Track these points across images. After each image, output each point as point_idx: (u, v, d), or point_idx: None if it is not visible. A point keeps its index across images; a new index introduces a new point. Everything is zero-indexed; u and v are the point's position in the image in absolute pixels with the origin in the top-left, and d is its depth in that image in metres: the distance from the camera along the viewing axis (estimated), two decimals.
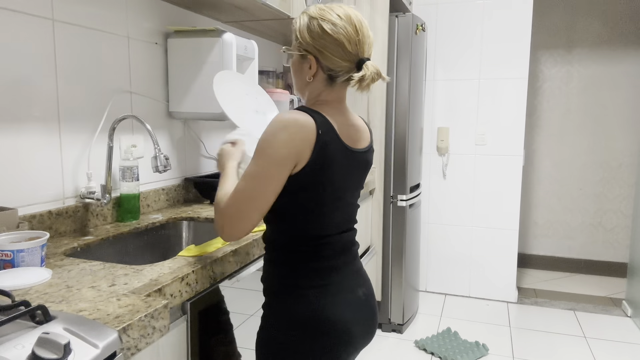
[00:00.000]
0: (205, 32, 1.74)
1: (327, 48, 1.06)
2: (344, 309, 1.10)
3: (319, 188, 1.05)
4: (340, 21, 1.05)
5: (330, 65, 1.07)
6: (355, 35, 1.05)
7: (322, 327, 1.07)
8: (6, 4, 1.20)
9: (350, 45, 1.05)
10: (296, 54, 1.12)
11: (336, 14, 1.06)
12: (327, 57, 1.06)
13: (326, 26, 1.05)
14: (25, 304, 0.74)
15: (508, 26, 3.19)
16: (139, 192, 1.59)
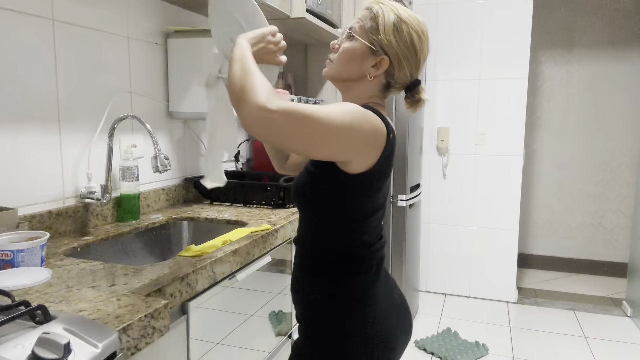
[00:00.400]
0: (205, 32, 1.74)
1: (408, 60, 1.00)
2: (389, 317, 1.06)
3: (381, 192, 1.01)
4: (424, 37, 1.01)
5: (397, 76, 1.01)
6: (427, 55, 1.03)
7: (375, 338, 1.02)
8: (6, 4, 1.20)
9: (422, 63, 1.03)
10: (364, 44, 1.00)
11: (420, 29, 1.01)
12: (402, 68, 1.00)
13: (415, 38, 0.99)
14: (25, 304, 0.74)
15: (508, 26, 3.19)
16: (139, 192, 1.59)
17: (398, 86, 1.03)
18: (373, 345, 1.02)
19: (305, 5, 2.03)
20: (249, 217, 1.63)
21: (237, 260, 1.26)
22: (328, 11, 2.32)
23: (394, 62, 0.99)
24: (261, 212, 1.73)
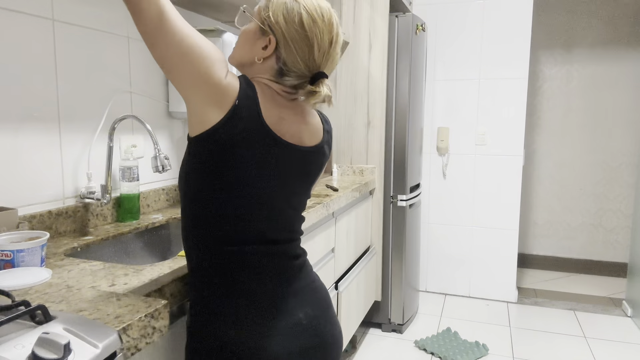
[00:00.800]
0: (205, 32, 1.74)
1: (296, 42, 0.91)
2: (277, 340, 0.90)
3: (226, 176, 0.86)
4: (321, 22, 0.92)
5: (287, 60, 0.92)
6: (329, 47, 0.94)
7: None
8: (6, 4, 1.20)
9: (318, 53, 0.93)
10: (257, 25, 0.93)
11: (320, 13, 0.92)
12: (290, 51, 0.91)
13: (305, 19, 0.90)
14: (25, 304, 0.74)
15: (508, 26, 3.19)
16: (139, 192, 1.59)
17: (293, 75, 0.93)
18: None
19: None
20: None
21: None
22: None
23: (281, 43, 0.91)
24: None
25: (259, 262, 0.93)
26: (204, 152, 0.86)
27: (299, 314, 0.95)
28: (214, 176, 0.87)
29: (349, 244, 2.32)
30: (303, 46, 0.91)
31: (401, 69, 2.73)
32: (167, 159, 1.42)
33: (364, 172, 2.77)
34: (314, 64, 0.93)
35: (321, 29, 0.92)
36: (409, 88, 2.73)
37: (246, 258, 0.92)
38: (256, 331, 0.90)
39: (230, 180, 0.87)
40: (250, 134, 0.86)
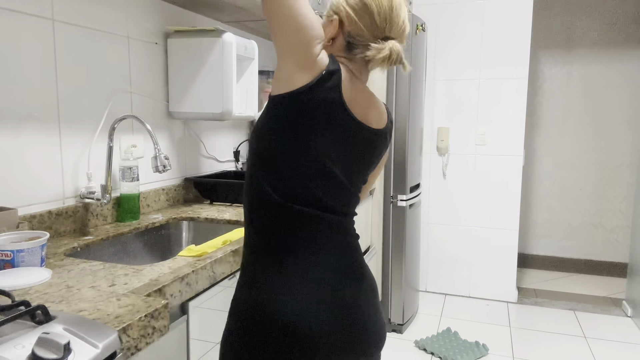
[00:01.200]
0: (205, 32, 1.74)
1: (355, 11, 0.96)
2: (311, 311, 0.89)
3: (298, 137, 0.90)
4: None
5: (352, 32, 0.96)
6: (389, 11, 0.96)
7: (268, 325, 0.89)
8: (6, 4, 1.20)
9: (379, 17, 0.95)
10: (326, 19, 1.01)
11: None
12: (352, 21, 0.96)
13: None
14: (25, 304, 0.74)
15: (508, 26, 3.19)
16: (139, 192, 1.59)
17: (360, 45, 0.97)
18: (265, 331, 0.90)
19: None
20: None
21: (237, 260, 1.26)
22: None
23: (344, 17, 0.97)
24: None
25: (315, 227, 0.94)
26: (283, 110, 0.90)
27: (347, 291, 0.95)
28: (288, 134, 0.91)
29: None
30: (363, 14, 0.95)
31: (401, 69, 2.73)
32: (167, 159, 1.42)
33: None
34: (377, 29, 0.96)
35: (379, 2, 0.95)
36: (409, 88, 2.73)
37: (304, 219, 0.93)
38: (303, 304, 0.90)
39: (301, 142, 0.91)
40: (329, 104, 0.91)
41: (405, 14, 0.99)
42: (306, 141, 0.91)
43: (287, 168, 0.91)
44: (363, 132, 0.98)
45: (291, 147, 0.91)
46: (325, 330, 0.90)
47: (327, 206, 0.95)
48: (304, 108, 0.89)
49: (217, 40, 1.71)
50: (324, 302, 0.91)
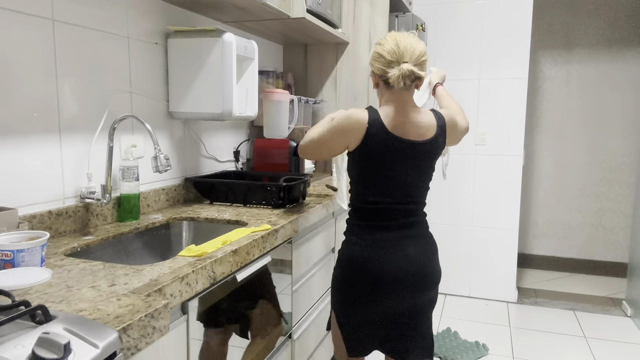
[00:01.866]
0: (205, 32, 1.74)
1: (376, 60, 1.46)
2: (385, 259, 1.45)
3: (368, 161, 1.44)
4: (385, 41, 1.44)
5: (377, 72, 1.46)
6: (395, 47, 1.41)
7: (362, 266, 1.46)
8: (6, 4, 1.20)
9: (389, 54, 1.41)
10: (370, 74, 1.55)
11: (386, 38, 1.45)
12: (375, 66, 1.46)
13: (375, 47, 1.46)
14: (25, 304, 0.74)
15: (508, 26, 3.19)
16: (139, 192, 1.59)
17: (388, 76, 1.43)
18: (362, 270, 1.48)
19: (305, 5, 2.03)
20: (249, 217, 1.63)
21: (237, 260, 1.26)
22: (328, 11, 2.32)
23: (374, 69, 1.48)
24: (261, 212, 1.72)
25: (389, 213, 1.48)
26: (357, 157, 1.46)
27: (410, 250, 1.48)
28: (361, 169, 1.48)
29: None
30: (378, 59, 1.45)
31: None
32: (167, 159, 1.42)
33: None
34: (391, 63, 1.42)
35: (385, 44, 1.44)
36: None
37: (382, 210, 1.48)
38: (380, 253, 1.46)
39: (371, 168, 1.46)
40: (381, 139, 1.42)
41: (413, 44, 1.42)
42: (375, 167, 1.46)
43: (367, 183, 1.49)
44: (410, 145, 1.44)
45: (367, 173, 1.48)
46: (394, 272, 1.45)
47: (396, 201, 1.49)
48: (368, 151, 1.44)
49: (217, 40, 1.71)
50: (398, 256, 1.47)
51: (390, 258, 1.45)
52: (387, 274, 1.45)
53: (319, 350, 1.98)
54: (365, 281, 1.46)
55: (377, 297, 1.46)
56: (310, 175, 2.06)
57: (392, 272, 1.45)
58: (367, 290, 1.46)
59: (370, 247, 1.47)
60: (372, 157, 1.43)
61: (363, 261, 1.46)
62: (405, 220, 1.49)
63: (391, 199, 1.47)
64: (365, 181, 1.47)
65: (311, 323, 1.88)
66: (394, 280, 1.45)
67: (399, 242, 1.47)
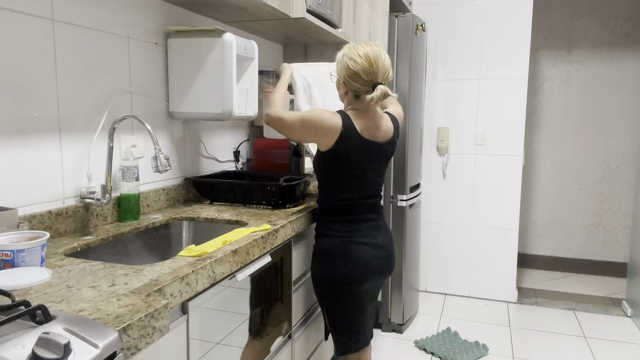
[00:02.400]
0: (205, 32, 1.74)
1: (351, 77, 1.56)
2: (364, 248, 1.62)
3: (342, 163, 1.57)
4: (359, 59, 1.52)
5: (352, 88, 1.58)
6: (370, 67, 1.52)
7: (345, 256, 1.61)
8: (6, 4, 1.20)
9: (365, 75, 1.53)
10: (337, 80, 1.66)
11: (358, 53, 1.53)
12: (350, 83, 1.57)
13: (349, 63, 1.54)
14: (25, 304, 0.74)
15: (508, 26, 3.19)
16: (139, 192, 1.59)
17: (362, 92, 1.57)
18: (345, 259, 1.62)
19: (305, 5, 2.03)
20: (249, 217, 1.63)
21: (237, 260, 1.26)
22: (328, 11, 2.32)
23: (345, 82, 1.59)
24: (261, 212, 1.73)
25: (360, 207, 1.65)
26: (329, 158, 1.59)
27: (380, 238, 1.67)
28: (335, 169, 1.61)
29: None
30: (355, 77, 1.55)
31: (401, 69, 2.73)
32: (167, 159, 1.42)
33: None
34: (366, 82, 1.54)
35: (360, 62, 1.53)
36: (409, 88, 2.73)
37: (354, 204, 1.64)
38: (361, 243, 1.63)
39: (344, 169, 1.60)
40: (354, 143, 1.56)
41: (384, 61, 1.54)
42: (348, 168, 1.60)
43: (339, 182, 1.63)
44: (376, 146, 1.61)
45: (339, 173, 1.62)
46: (374, 259, 1.64)
47: (366, 195, 1.66)
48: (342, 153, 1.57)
49: (217, 40, 1.71)
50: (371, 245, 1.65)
51: (368, 247, 1.63)
52: (372, 261, 1.62)
53: (319, 350, 1.98)
54: (357, 270, 1.60)
55: (365, 284, 1.62)
56: (310, 175, 2.07)
57: (373, 259, 1.63)
58: (360, 278, 1.61)
59: (352, 238, 1.62)
60: (344, 159, 1.56)
61: (350, 252, 1.60)
62: (372, 212, 1.67)
63: (360, 195, 1.63)
64: (338, 180, 1.61)
65: (311, 323, 1.88)
66: (375, 266, 1.63)
67: (370, 232, 1.64)
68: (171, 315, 1.03)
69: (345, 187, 1.62)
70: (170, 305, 1.00)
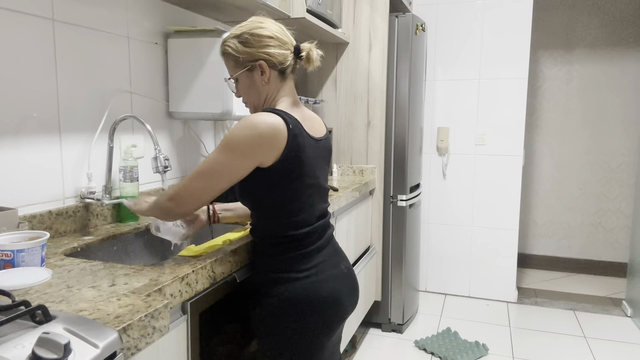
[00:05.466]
0: (205, 32, 1.74)
1: (270, 46, 1.20)
2: (332, 283, 1.24)
3: (297, 175, 1.17)
4: (261, 24, 1.21)
5: (280, 59, 1.21)
6: (280, 29, 1.22)
7: (317, 303, 1.21)
8: (6, 4, 1.20)
9: (282, 36, 1.21)
10: (244, 72, 1.23)
11: (253, 25, 1.21)
12: (274, 54, 1.20)
13: (258, 31, 1.19)
14: (26, 304, 0.74)
15: (508, 26, 3.19)
16: (139, 192, 1.59)
17: (289, 63, 1.23)
18: (317, 308, 1.22)
19: (305, 5, 2.03)
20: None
21: (237, 260, 1.26)
22: (328, 11, 2.32)
23: (266, 57, 1.20)
24: None
25: (317, 231, 1.25)
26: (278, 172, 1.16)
27: (342, 265, 1.30)
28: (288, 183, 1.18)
29: (349, 244, 2.32)
30: (275, 42, 1.20)
31: (401, 69, 2.73)
32: (167, 159, 1.42)
33: (364, 172, 2.77)
34: (287, 44, 1.22)
35: (266, 27, 1.20)
36: (409, 88, 2.73)
37: (311, 230, 1.23)
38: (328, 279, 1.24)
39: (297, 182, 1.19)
40: (305, 142, 1.19)
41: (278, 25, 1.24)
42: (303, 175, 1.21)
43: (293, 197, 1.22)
44: (320, 143, 1.27)
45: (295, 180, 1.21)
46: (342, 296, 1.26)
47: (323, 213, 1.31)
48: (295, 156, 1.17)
49: (217, 40, 1.71)
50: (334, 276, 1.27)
51: (336, 281, 1.25)
52: (342, 300, 1.26)
53: None
54: (327, 317, 1.23)
55: (334, 328, 1.28)
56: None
57: (342, 296, 1.26)
58: (329, 325, 1.25)
59: (319, 275, 1.23)
60: (297, 167, 1.17)
61: (322, 295, 1.22)
62: (327, 232, 1.30)
63: (315, 213, 1.25)
64: (290, 200, 1.19)
65: None
66: (345, 304, 1.28)
67: (332, 261, 1.27)
68: (171, 315, 1.03)
69: (296, 206, 1.20)
70: (170, 305, 1.00)
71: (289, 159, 1.15)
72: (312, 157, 1.21)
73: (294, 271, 1.21)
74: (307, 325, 1.21)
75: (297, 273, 1.21)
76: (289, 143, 1.14)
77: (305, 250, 1.22)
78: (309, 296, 1.20)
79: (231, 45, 1.21)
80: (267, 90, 1.23)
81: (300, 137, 1.16)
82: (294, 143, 1.15)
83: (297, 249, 1.22)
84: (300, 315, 1.20)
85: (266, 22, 1.22)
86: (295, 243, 1.22)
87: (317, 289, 1.21)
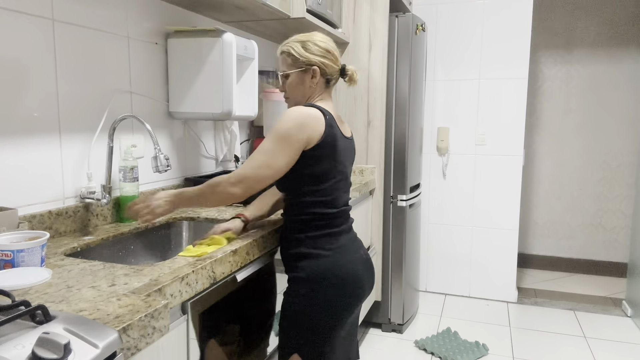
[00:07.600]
0: (205, 32, 1.74)
1: (327, 58, 1.43)
2: (354, 264, 1.41)
3: (332, 158, 1.36)
4: (323, 38, 1.44)
5: (330, 71, 1.45)
6: (335, 49, 1.47)
7: (342, 279, 1.37)
8: (6, 4, 1.20)
9: (336, 54, 1.47)
10: (298, 72, 1.44)
11: (317, 37, 1.44)
12: (327, 65, 1.44)
13: (321, 44, 1.43)
14: (25, 304, 0.74)
15: (508, 26, 3.19)
16: (139, 192, 1.59)
17: (334, 77, 1.47)
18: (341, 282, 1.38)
19: (305, 5, 2.03)
20: None
21: (237, 260, 1.26)
22: (328, 11, 2.32)
23: (321, 65, 1.42)
24: None
25: (343, 215, 1.44)
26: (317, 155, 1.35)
27: (362, 250, 1.47)
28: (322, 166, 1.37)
29: None
30: (331, 57, 1.45)
31: (401, 69, 2.73)
32: (167, 159, 1.42)
33: (364, 172, 2.76)
34: (338, 63, 1.47)
35: (327, 44, 1.44)
36: (409, 88, 2.73)
37: (339, 212, 1.42)
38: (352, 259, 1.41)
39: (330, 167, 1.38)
40: (338, 134, 1.39)
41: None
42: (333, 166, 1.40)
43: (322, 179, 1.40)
44: (349, 141, 1.49)
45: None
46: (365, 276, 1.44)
47: (346, 201, 1.49)
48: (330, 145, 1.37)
49: (217, 40, 1.71)
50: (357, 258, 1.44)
51: (357, 263, 1.41)
52: (363, 280, 1.42)
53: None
54: (350, 293, 1.38)
55: (354, 305, 1.41)
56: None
57: (362, 277, 1.42)
58: (350, 302, 1.39)
59: (344, 255, 1.39)
60: (331, 153, 1.36)
61: (346, 272, 1.38)
62: (350, 220, 1.49)
63: (342, 198, 1.43)
64: (322, 182, 1.36)
65: None
66: (364, 284, 1.43)
67: (353, 245, 1.44)
68: (171, 315, 1.03)
69: (327, 189, 1.38)
70: (170, 305, 1.00)
71: (327, 143, 1.34)
72: (343, 149, 1.41)
73: (322, 249, 1.37)
74: (331, 300, 1.35)
75: (325, 251, 1.37)
76: (326, 129, 1.34)
77: (332, 230, 1.39)
78: (335, 272, 1.36)
79: (294, 47, 1.42)
80: (312, 92, 1.45)
81: (334, 129, 1.37)
82: (330, 130, 1.35)
83: (325, 228, 1.38)
84: (327, 289, 1.35)
85: (328, 40, 1.45)
86: (325, 221, 1.38)
87: (342, 266, 1.37)
